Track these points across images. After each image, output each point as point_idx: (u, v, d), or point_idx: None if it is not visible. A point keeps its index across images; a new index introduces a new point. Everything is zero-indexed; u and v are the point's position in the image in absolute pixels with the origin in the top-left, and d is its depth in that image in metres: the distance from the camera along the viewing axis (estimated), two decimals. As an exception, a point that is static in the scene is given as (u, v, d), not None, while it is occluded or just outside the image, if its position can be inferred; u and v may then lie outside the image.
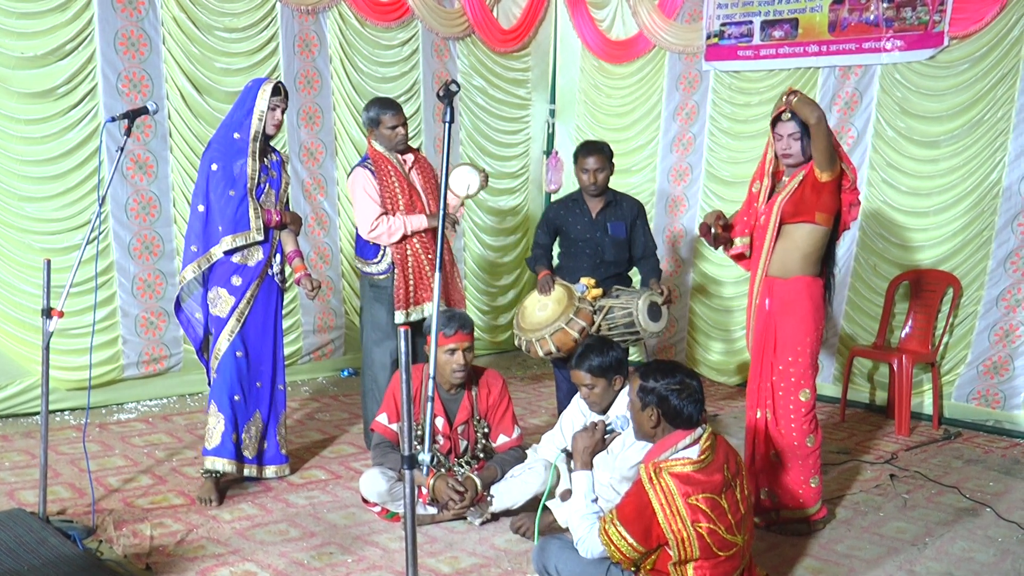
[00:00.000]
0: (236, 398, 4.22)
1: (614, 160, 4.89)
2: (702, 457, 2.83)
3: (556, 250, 5.09)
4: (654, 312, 4.54)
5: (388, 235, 4.58)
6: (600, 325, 4.55)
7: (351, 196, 4.73)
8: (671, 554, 2.80)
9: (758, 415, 3.95)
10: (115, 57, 5.41)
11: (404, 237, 4.61)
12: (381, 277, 4.68)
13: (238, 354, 4.23)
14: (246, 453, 4.28)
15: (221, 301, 4.21)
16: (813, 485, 3.92)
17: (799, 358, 3.85)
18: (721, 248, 4.11)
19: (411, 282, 4.65)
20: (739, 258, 4.13)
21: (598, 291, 4.62)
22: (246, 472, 4.28)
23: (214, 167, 4.16)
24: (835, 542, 3.87)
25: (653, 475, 2.79)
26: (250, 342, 4.27)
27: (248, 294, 4.23)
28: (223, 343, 4.21)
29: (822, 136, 3.67)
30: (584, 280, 4.67)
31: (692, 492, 2.76)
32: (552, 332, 4.48)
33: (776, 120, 3.86)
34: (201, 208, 4.19)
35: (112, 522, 3.77)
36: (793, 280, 3.84)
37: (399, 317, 4.64)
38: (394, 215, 4.58)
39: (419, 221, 4.62)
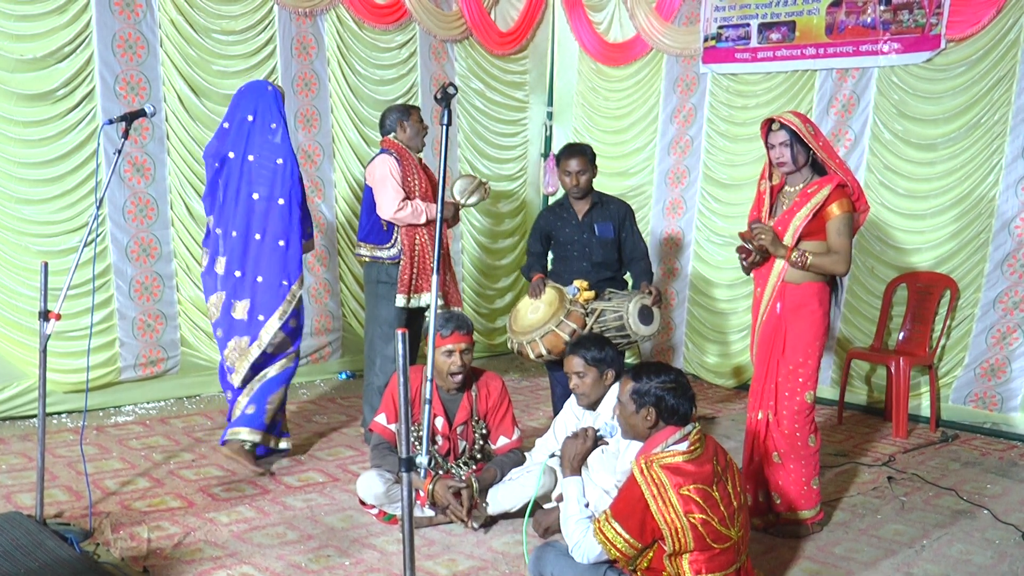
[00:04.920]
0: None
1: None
2: (691, 449, 2.87)
3: (551, 256, 5.12)
4: (645, 315, 4.54)
5: (414, 215, 4.80)
6: (591, 328, 4.54)
7: (374, 180, 4.86)
8: (665, 547, 2.81)
9: (759, 416, 3.96)
10: (113, 60, 5.41)
11: (420, 224, 4.83)
12: (392, 263, 4.85)
13: None
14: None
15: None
16: (814, 487, 3.94)
17: (808, 360, 3.87)
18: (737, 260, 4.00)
19: (415, 269, 4.83)
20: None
21: (590, 294, 4.62)
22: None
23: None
24: (833, 544, 3.87)
25: (644, 468, 2.83)
26: None
27: None
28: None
29: (825, 268, 3.77)
30: (576, 283, 4.68)
31: (684, 483, 2.79)
32: (542, 334, 4.47)
33: (768, 130, 3.84)
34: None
35: (109, 525, 3.77)
36: (805, 285, 3.83)
37: (400, 301, 4.83)
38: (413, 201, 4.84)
39: (436, 210, 4.81)
